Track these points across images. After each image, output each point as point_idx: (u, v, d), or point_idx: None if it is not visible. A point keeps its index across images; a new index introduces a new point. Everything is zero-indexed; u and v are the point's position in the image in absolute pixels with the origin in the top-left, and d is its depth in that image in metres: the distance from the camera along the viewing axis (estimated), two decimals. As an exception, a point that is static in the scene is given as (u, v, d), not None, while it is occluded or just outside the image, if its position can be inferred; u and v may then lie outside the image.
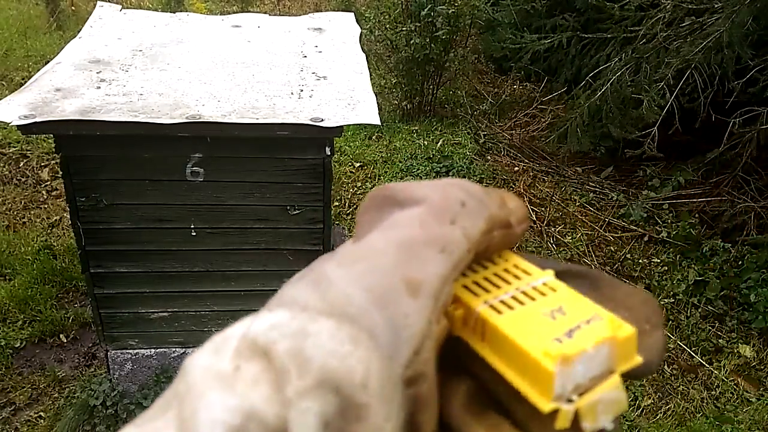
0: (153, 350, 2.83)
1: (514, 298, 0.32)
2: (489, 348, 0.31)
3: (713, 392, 3.54)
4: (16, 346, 3.29)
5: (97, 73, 2.38)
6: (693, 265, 4.19)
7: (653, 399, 3.46)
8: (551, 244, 4.47)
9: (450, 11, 5.11)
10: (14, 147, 4.79)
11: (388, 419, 0.26)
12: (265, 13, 4.55)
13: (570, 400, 0.28)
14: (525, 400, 0.29)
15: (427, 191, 0.33)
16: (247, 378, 0.25)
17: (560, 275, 0.35)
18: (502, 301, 0.32)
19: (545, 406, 0.28)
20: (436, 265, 0.30)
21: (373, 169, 5.04)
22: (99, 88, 2.27)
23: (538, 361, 0.29)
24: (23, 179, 4.57)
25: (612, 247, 4.52)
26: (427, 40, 5.22)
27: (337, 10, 4.30)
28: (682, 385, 3.57)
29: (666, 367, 3.68)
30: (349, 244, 0.32)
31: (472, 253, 0.32)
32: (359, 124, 2.66)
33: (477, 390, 0.32)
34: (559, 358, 0.28)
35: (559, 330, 0.30)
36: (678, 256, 4.31)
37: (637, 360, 0.31)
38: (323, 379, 0.25)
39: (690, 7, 4.12)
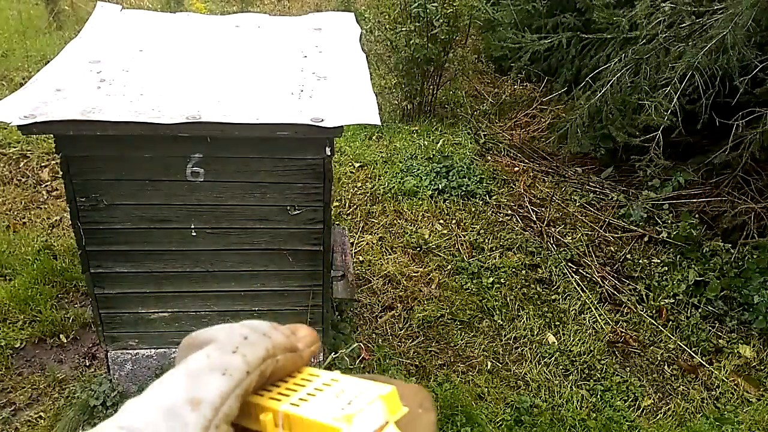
0: (153, 350, 2.83)
1: (308, 394, 0.42)
2: None
3: (713, 392, 3.54)
4: (16, 346, 3.28)
5: (97, 73, 2.37)
6: (693, 266, 4.18)
7: (653, 399, 3.46)
8: (551, 244, 4.47)
9: (449, 11, 5.11)
10: (14, 147, 4.79)
11: None
12: (265, 13, 4.55)
13: None
14: None
15: (217, 332, 0.43)
16: None
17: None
18: (299, 398, 0.42)
19: None
20: (218, 385, 0.39)
21: (373, 169, 5.04)
22: (99, 88, 2.26)
23: (330, 426, 0.39)
24: (23, 179, 4.57)
25: (612, 248, 4.52)
26: (426, 39, 5.22)
27: (337, 10, 4.30)
28: (682, 385, 3.57)
29: (666, 367, 3.68)
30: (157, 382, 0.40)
31: (253, 374, 0.41)
32: (359, 124, 2.67)
33: None
34: (344, 419, 0.39)
35: (343, 402, 0.40)
36: (678, 257, 4.31)
37: (403, 410, 0.42)
38: None
39: (690, 9, 4.12)
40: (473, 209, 4.70)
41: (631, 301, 4.06)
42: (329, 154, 2.36)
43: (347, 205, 4.65)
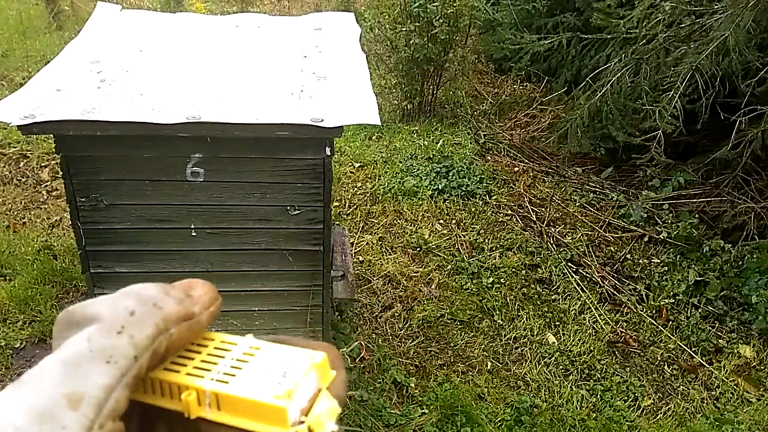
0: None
1: (232, 367, 0.39)
2: (228, 414, 0.38)
3: (713, 393, 3.54)
4: (16, 346, 3.28)
5: (97, 73, 2.37)
6: (693, 266, 4.18)
7: (653, 399, 3.46)
8: (551, 244, 4.47)
9: (449, 11, 5.11)
10: (14, 147, 4.79)
11: None
12: (265, 13, 4.55)
13: (302, 422, 0.37)
14: None
15: (99, 307, 0.37)
16: None
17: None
18: (225, 373, 0.39)
19: None
20: (100, 376, 0.34)
21: (373, 169, 5.04)
22: (99, 88, 2.26)
23: (272, 404, 0.36)
24: (23, 179, 4.57)
25: (612, 248, 4.52)
26: (426, 39, 5.22)
27: (337, 10, 4.30)
28: (682, 385, 3.57)
29: (666, 367, 3.68)
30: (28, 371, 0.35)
31: (143, 357, 0.36)
32: (359, 124, 2.67)
33: None
34: (285, 396, 0.37)
35: (277, 376, 0.38)
36: (678, 257, 4.31)
37: (332, 374, 0.41)
38: None
39: (690, 9, 4.12)
40: (473, 209, 4.70)
41: (631, 301, 4.06)
42: (329, 154, 2.36)
43: (347, 205, 4.65)
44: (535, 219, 4.69)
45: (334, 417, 0.39)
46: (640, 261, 4.35)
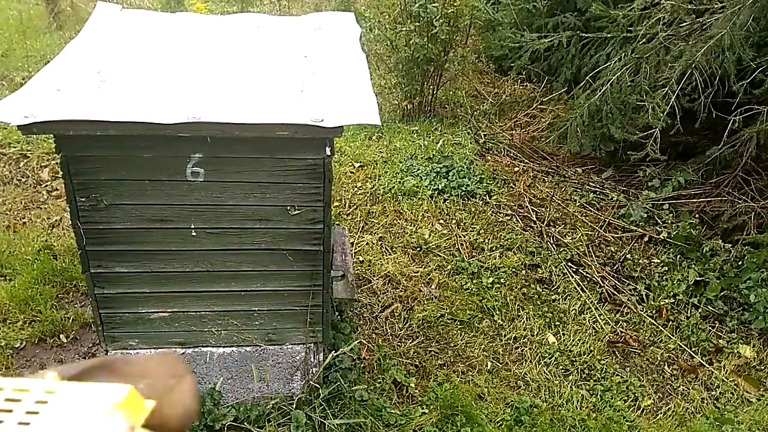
0: (153, 350, 2.83)
1: (20, 423, 0.34)
2: None
3: (713, 392, 3.54)
4: (16, 346, 3.28)
5: (97, 73, 2.37)
6: (693, 266, 4.18)
7: (653, 399, 3.46)
8: (551, 244, 4.47)
9: (449, 11, 5.11)
10: (14, 147, 4.79)
11: None
12: (265, 13, 4.55)
13: None
14: None
15: None
16: None
17: (76, 377, 0.39)
18: (19, 423, 0.34)
19: None
20: None
21: (373, 169, 5.04)
22: (99, 88, 2.26)
23: None
24: (23, 179, 4.57)
25: (612, 248, 4.52)
26: (426, 39, 5.22)
27: (337, 10, 4.30)
28: (682, 385, 3.57)
29: (666, 367, 3.68)
30: None
31: None
32: (359, 124, 2.67)
33: None
34: None
35: (75, 424, 0.33)
36: (678, 257, 4.31)
37: (149, 405, 0.36)
38: None
39: (690, 7, 4.12)
40: (473, 209, 4.70)
41: (631, 301, 4.06)
42: (329, 154, 2.36)
43: (347, 205, 4.65)
44: (535, 219, 4.69)
45: None
46: (640, 261, 4.35)
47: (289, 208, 2.48)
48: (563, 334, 3.78)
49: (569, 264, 4.29)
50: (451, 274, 4.12)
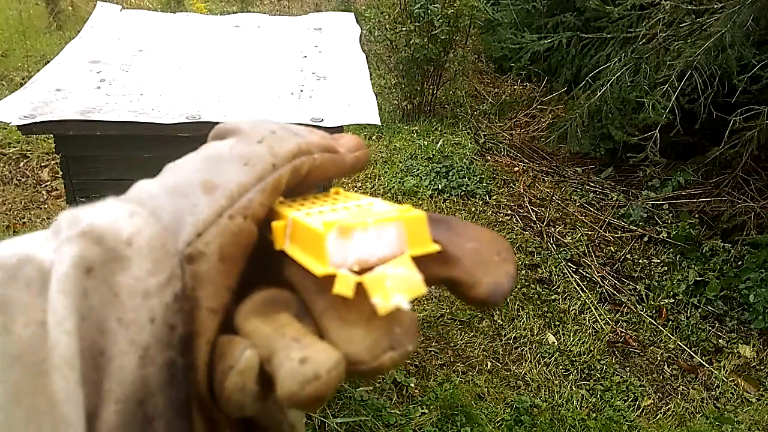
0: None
1: (332, 210, 0.33)
2: (293, 245, 0.32)
3: (713, 392, 3.54)
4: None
5: (97, 73, 2.38)
6: (693, 266, 4.19)
7: (653, 399, 3.46)
8: (551, 244, 4.47)
9: (449, 11, 5.11)
10: (14, 147, 4.79)
11: (152, 275, 0.30)
12: (265, 13, 4.55)
13: (354, 271, 0.29)
14: (322, 289, 0.30)
15: (242, 125, 0.37)
16: (38, 236, 0.33)
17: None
18: (318, 211, 0.33)
19: (318, 269, 0.29)
20: (237, 174, 0.33)
21: (373, 169, 5.04)
22: (99, 88, 2.27)
23: (316, 230, 0.30)
24: (23, 179, 4.57)
25: (612, 248, 4.52)
26: (426, 40, 5.22)
27: (337, 10, 4.30)
28: (682, 385, 3.57)
29: (666, 367, 3.68)
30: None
31: (283, 169, 0.34)
32: (359, 124, 2.66)
33: (285, 300, 0.33)
34: (335, 226, 0.29)
35: (353, 216, 0.31)
36: (678, 257, 4.31)
37: (433, 247, 0.31)
38: (87, 230, 0.31)
39: (690, 7, 4.12)
40: (473, 209, 4.70)
41: (631, 301, 4.06)
42: (329, 154, 2.36)
43: (347, 205, 4.65)
44: (535, 219, 4.69)
45: (410, 292, 0.29)
46: (640, 261, 4.35)
47: (289, 208, 2.48)
48: (563, 334, 3.78)
49: (569, 264, 4.30)
50: (451, 274, 4.12)
